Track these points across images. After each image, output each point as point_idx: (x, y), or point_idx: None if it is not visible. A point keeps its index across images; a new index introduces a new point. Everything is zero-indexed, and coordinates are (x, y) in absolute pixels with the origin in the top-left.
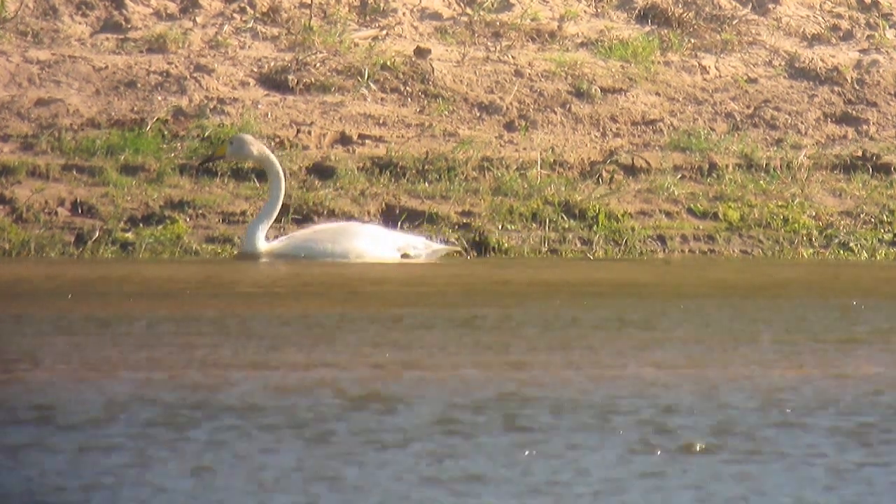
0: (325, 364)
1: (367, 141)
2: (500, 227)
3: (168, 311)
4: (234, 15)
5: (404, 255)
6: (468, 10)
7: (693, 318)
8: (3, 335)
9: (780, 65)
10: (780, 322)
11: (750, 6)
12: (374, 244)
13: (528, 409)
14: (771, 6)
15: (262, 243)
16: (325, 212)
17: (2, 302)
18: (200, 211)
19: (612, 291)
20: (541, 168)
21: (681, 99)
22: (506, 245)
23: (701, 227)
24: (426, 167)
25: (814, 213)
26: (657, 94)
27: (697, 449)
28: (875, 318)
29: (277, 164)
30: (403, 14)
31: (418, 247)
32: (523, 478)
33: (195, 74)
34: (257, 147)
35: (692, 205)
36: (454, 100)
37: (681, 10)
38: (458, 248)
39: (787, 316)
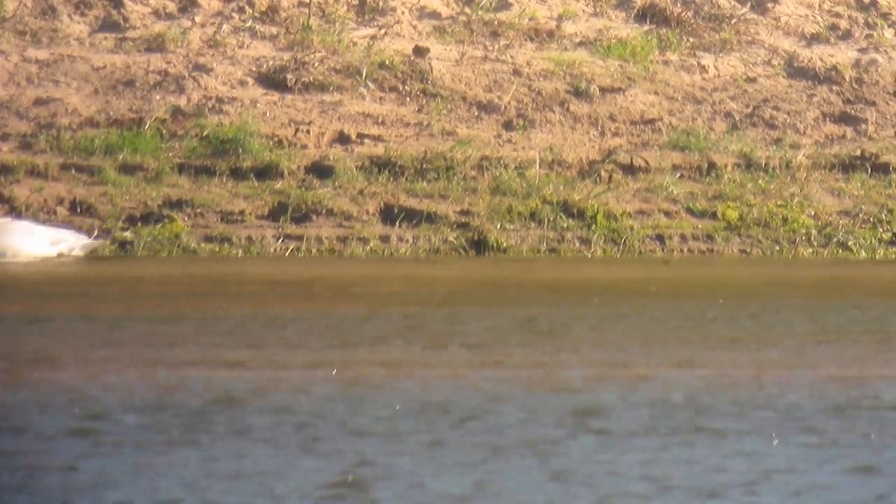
0: None
1: (365, 140)
2: (498, 226)
3: None
4: (233, 14)
5: (60, 253)
6: (466, 10)
7: None
8: None
9: (778, 64)
10: None
11: (749, 5)
12: (27, 240)
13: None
14: (770, 5)
15: None
16: (324, 211)
17: None
18: (199, 210)
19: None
20: (539, 167)
21: (679, 98)
22: (504, 244)
23: (700, 226)
24: (425, 166)
25: (813, 213)
26: (656, 93)
27: None
28: None
29: None
30: (402, 13)
31: (69, 240)
32: None
33: (194, 74)
34: None
35: (691, 204)
36: (453, 99)
37: (679, 10)
38: (106, 243)
39: None
